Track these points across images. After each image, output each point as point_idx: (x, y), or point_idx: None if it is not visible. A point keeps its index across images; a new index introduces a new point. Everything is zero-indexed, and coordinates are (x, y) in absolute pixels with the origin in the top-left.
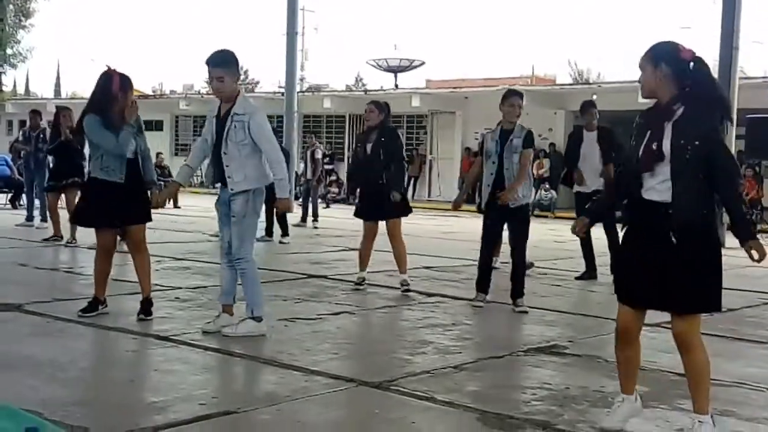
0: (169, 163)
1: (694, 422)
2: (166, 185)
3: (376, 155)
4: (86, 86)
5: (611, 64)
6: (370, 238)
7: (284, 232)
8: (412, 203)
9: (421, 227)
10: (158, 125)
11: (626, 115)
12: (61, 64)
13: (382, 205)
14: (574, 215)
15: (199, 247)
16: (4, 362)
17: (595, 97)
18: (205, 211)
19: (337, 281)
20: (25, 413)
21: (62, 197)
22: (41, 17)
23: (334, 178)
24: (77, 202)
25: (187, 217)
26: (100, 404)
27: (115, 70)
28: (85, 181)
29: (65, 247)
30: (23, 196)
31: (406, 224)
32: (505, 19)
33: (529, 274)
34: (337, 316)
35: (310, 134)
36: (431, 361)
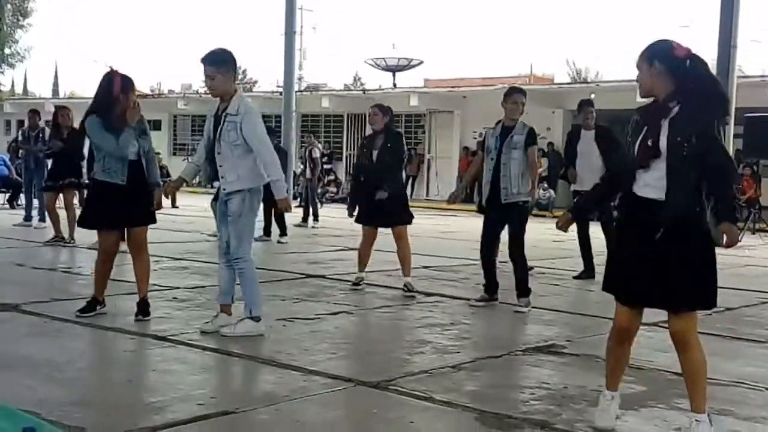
0: (167, 162)
1: (691, 421)
2: (166, 185)
3: (383, 162)
4: (84, 86)
5: (609, 63)
6: (369, 241)
7: (282, 231)
8: (410, 202)
9: (419, 227)
10: (156, 125)
11: (625, 114)
12: (59, 63)
13: (386, 212)
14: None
15: (197, 246)
16: (1, 362)
17: (593, 96)
18: (203, 210)
19: (335, 281)
20: (22, 413)
21: (60, 197)
22: (39, 17)
23: (332, 177)
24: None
25: (185, 216)
26: (97, 404)
27: (117, 71)
28: (82, 181)
29: (63, 247)
30: (21, 195)
31: None
32: (503, 18)
33: (531, 274)
34: (335, 315)
35: (308, 134)
36: (429, 360)
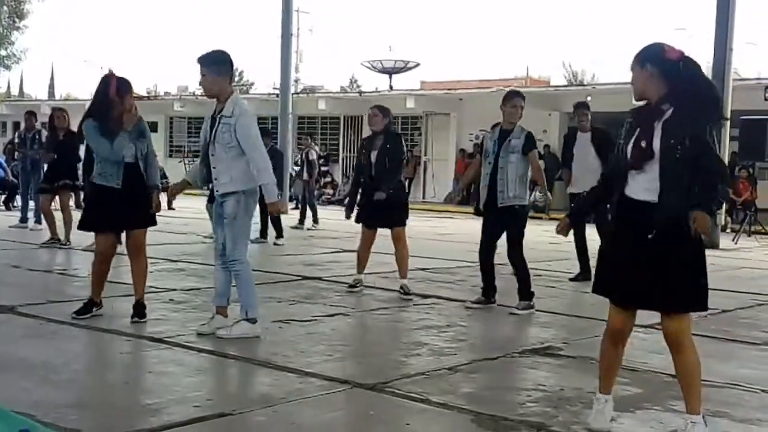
0: (163, 164)
1: (686, 423)
2: (171, 187)
3: (381, 164)
4: (80, 88)
5: (606, 65)
6: (368, 242)
7: (278, 233)
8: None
9: (415, 229)
10: (152, 127)
11: (621, 116)
12: (55, 65)
13: (386, 213)
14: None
15: (193, 248)
16: None
17: (589, 98)
18: (199, 212)
19: (331, 283)
20: (17, 416)
21: (56, 199)
22: (35, 19)
23: (328, 179)
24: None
25: (181, 218)
26: (93, 406)
27: (113, 74)
28: (77, 183)
29: (59, 249)
30: (17, 197)
31: None
32: (499, 20)
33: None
34: (331, 317)
35: (305, 136)
36: (426, 362)
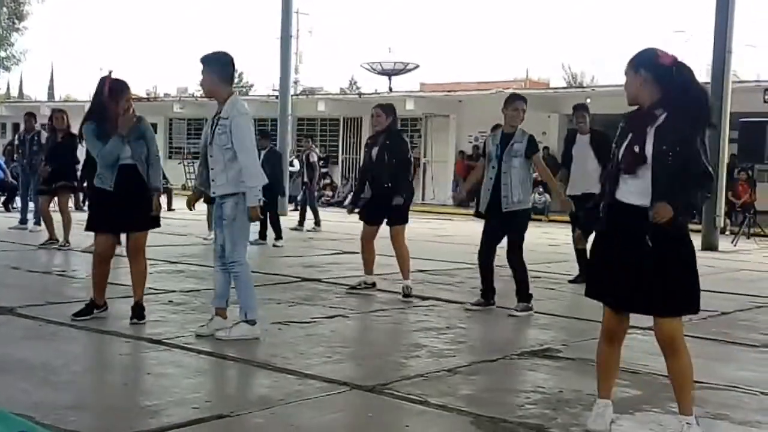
0: (162, 165)
1: (682, 425)
2: (189, 197)
3: (381, 159)
4: (80, 89)
5: (605, 67)
6: (368, 239)
7: (278, 235)
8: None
9: (415, 230)
10: (152, 128)
11: (620, 118)
12: (54, 66)
13: (385, 209)
14: (567, 219)
15: (192, 250)
16: None
17: (588, 100)
18: (199, 214)
19: (331, 284)
20: (16, 417)
21: (55, 200)
22: (35, 20)
23: (328, 181)
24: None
25: (181, 220)
26: (92, 408)
27: (108, 76)
28: (75, 184)
29: (58, 250)
30: (17, 198)
31: None
32: (499, 22)
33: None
34: (331, 319)
35: (306, 138)
36: (425, 364)
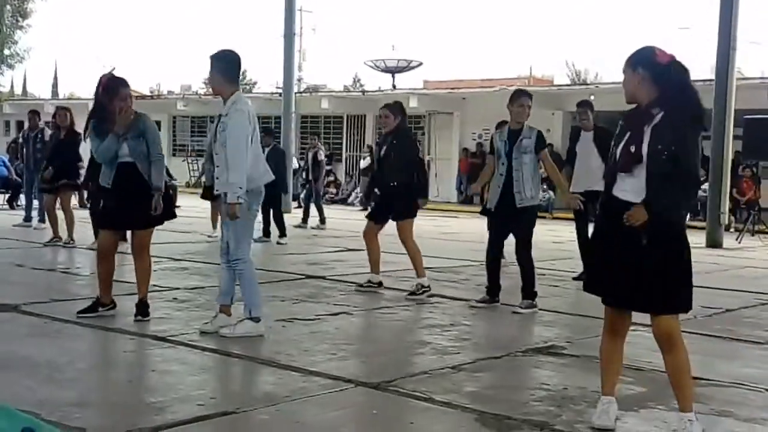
0: (167, 163)
1: (683, 422)
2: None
3: (388, 158)
4: (84, 87)
5: (609, 64)
6: (370, 237)
7: (282, 232)
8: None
9: (419, 227)
10: (155, 126)
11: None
12: (58, 64)
13: (389, 207)
14: (571, 215)
15: (196, 247)
16: (1, 363)
17: (592, 97)
18: (203, 211)
19: (335, 282)
20: (22, 414)
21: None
22: (39, 18)
23: (331, 178)
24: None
25: (185, 217)
26: (97, 405)
27: (105, 74)
28: (78, 182)
29: (63, 247)
30: (21, 196)
31: None
32: (502, 19)
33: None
34: (335, 316)
35: (312, 135)
36: (429, 361)
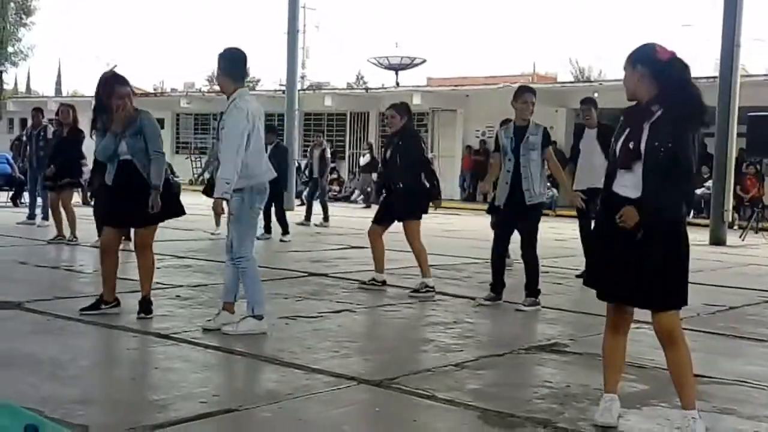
0: (170, 160)
1: (687, 419)
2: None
3: (393, 160)
4: (88, 84)
5: (612, 61)
6: (374, 237)
7: (284, 230)
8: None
9: (422, 225)
10: (159, 123)
11: None
12: (62, 62)
13: (393, 207)
14: (574, 213)
15: (199, 245)
16: (4, 360)
17: (596, 94)
18: (206, 209)
19: (338, 279)
20: (25, 411)
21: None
22: (42, 15)
23: (335, 176)
24: None
25: (188, 215)
26: (100, 402)
27: (104, 72)
28: (81, 180)
29: (66, 245)
30: (25, 194)
31: None
32: (506, 17)
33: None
34: (338, 314)
35: (318, 133)
36: (432, 359)
